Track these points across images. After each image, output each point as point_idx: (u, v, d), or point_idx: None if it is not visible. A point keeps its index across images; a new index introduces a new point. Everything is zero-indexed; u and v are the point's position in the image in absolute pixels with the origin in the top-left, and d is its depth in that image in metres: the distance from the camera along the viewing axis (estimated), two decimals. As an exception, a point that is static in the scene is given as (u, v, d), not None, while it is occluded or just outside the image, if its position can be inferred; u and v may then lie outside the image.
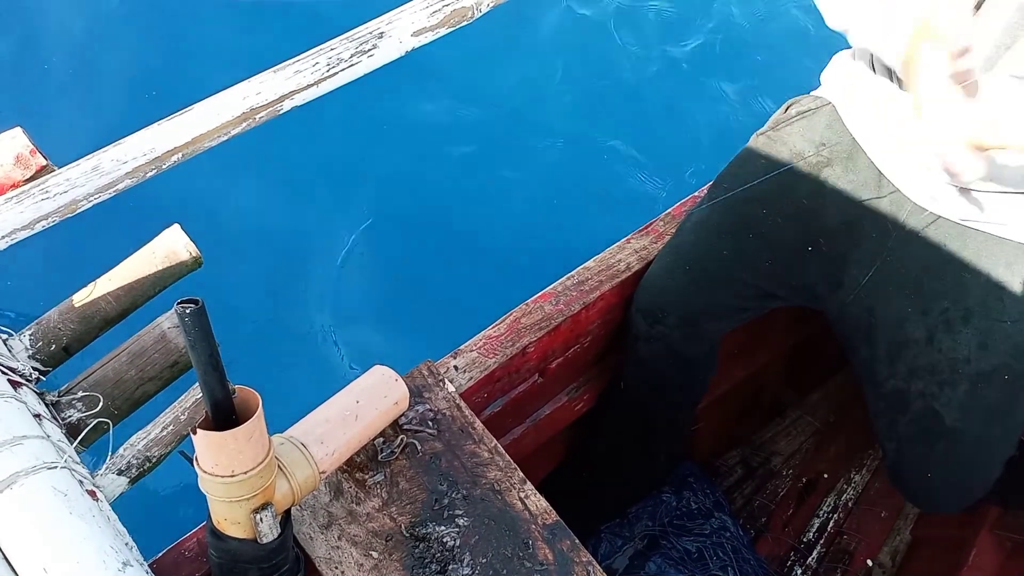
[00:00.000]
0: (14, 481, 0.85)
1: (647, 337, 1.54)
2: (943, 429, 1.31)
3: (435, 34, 1.24)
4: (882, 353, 1.35)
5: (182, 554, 1.12)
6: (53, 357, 1.18)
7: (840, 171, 1.33)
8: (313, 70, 1.17)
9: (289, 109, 1.18)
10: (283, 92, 1.15)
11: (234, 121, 1.13)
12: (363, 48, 1.19)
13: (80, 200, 1.07)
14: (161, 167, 1.12)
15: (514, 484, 1.15)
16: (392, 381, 1.15)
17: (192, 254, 1.25)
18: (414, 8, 1.23)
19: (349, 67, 1.19)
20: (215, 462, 0.84)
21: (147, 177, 1.11)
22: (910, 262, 1.28)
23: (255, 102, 1.14)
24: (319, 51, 1.19)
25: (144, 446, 1.14)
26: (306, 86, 1.16)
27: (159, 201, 2.82)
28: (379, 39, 1.20)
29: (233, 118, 1.13)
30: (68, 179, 1.07)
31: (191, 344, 0.75)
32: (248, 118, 1.14)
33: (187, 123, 1.12)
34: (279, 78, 1.16)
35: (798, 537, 2.01)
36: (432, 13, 1.22)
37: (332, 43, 1.20)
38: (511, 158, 3.12)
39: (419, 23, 1.22)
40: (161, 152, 1.10)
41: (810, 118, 1.38)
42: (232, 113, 1.13)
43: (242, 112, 1.13)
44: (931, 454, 1.36)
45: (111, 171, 1.08)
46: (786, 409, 2.22)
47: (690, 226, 1.48)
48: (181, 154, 1.12)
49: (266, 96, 1.15)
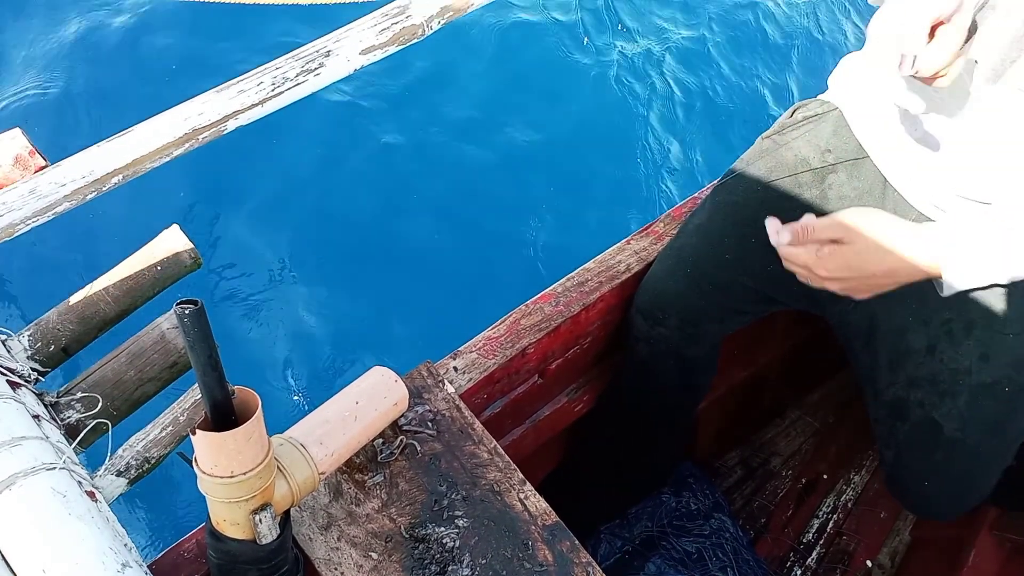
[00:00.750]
0: (13, 482, 0.85)
1: (648, 338, 1.53)
2: (942, 439, 1.31)
3: (384, 52, 1.23)
4: (883, 361, 1.35)
5: (181, 555, 1.12)
6: (52, 358, 1.18)
7: (845, 178, 1.33)
8: (258, 89, 1.16)
9: (234, 129, 1.16)
10: (227, 112, 1.14)
11: (176, 142, 1.12)
12: (309, 67, 1.18)
13: (17, 224, 1.06)
14: (101, 189, 1.10)
15: (514, 485, 1.15)
16: (391, 382, 1.14)
17: (191, 255, 1.25)
18: (362, 26, 1.22)
19: (295, 86, 1.18)
20: (214, 463, 0.84)
21: (87, 199, 1.10)
22: None
23: (198, 123, 1.13)
24: (264, 70, 1.18)
25: (143, 447, 1.14)
26: (250, 106, 1.15)
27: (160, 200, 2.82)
28: (326, 57, 1.19)
29: (175, 139, 1.12)
30: (4, 203, 1.05)
31: (190, 345, 0.75)
32: (191, 139, 1.13)
33: (127, 145, 1.10)
34: (222, 98, 1.15)
35: (797, 538, 2.01)
36: (380, 31, 1.22)
37: (277, 62, 1.19)
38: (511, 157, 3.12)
39: (367, 41, 1.21)
40: (100, 174, 1.09)
41: (816, 123, 1.37)
42: (174, 134, 1.12)
43: (184, 133, 1.12)
44: (929, 463, 1.36)
45: (49, 194, 1.07)
46: (786, 410, 2.22)
47: (692, 228, 1.48)
48: (122, 176, 1.10)
49: (209, 116, 1.13)
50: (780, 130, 1.42)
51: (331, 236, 2.87)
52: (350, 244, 2.86)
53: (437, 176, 3.03)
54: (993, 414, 1.28)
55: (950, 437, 1.30)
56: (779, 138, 1.41)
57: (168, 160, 1.14)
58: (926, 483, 1.39)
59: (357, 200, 2.96)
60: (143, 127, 1.12)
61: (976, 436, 1.30)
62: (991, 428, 1.29)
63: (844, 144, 1.34)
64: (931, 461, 1.36)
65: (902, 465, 1.41)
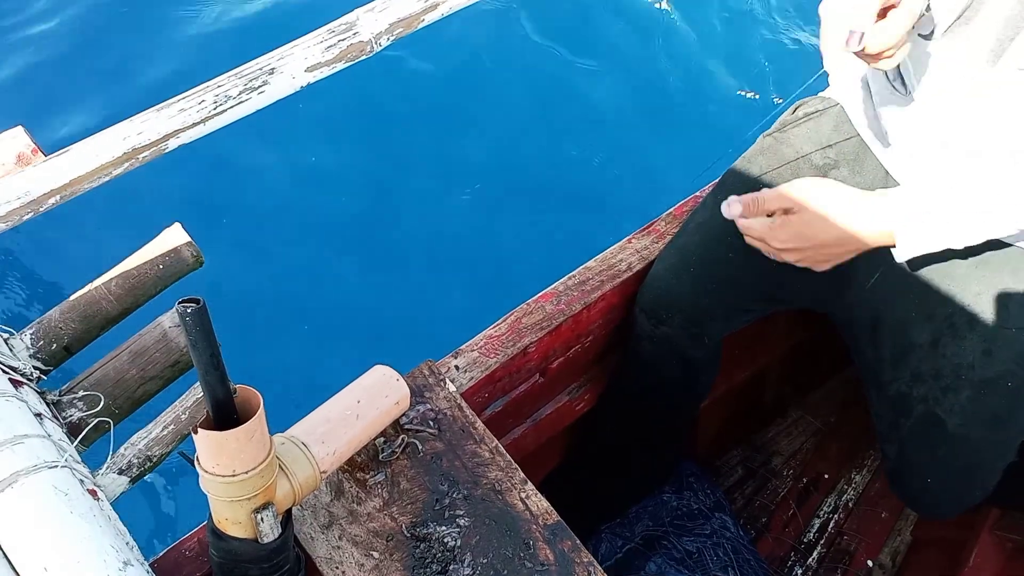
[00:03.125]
0: (15, 480, 0.85)
1: (651, 337, 1.53)
2: (945, 434, 1.31)
3: (331, 69, 1.21)
4: (886, 356, 1.35)
5: (183, 553, 1.12)
6: (54, 356, 1.18)
7: (847, 173, 1.33)
8: (199, 108, 1.13)
9: (175, 148, 1.14)
10: (167, 131, 1.12)
11: (115, 162, 1.10)
12: (253, 85, 1.16)
13: None
14: (38, 209, 1.09)
15: (515, 484, 1.15)
16: (393, 381, 1.14)
17: (193, 253, 1.25)
18: (307, 43, 1.20)
19: (238, 104, 1.15)
20: (216, 462, 0.84)
21: (23, 220, 1.08)
22: (916, 266, 1.27)
23: (137, 142, 1.11)
24: (205, 88, 1.16)
25: (145, 445, 1.14)
26: (192, 124, 1.13)
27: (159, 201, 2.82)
28: (270, 75, 1.17)
29: (113, 159, 1.10)
30: None
31: (192, 343, 0.75)
32: (130, 158, 1.11)
33: (65, 165, 1.08)
34: (162, 117, 1.12)
35: (798, 537, 2.01)
36: (327, 48, 1.19)
37: (220, 79, 1.16)
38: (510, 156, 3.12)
39: (313, 58, 1.19)
40: (37, 195, 1.07)
41: (817, 120, 1.37)
42: (112, 154, 1.10)
43: (123, 152, 1.10)
44: (932, 458, 1.36)
45: (-16, 215, 1.05)
46: (787, 409, 2.22)
47: (694, 227, 1.48)
48: (59, 196, 1.08)
49: (148, 136, 1.11)
50: (781, 127, 1.42)
51: (333, 234, 2.87)
52: (352, 242, 2.86)
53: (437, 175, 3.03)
54: (996, 409, 1.28)
55: (953, 432, 1.30)
56: (780, 135, 1.41)
57: (108, 180, 1.11)
58: (928, 479, 1.39)
59: (359, 198, 2.96)
60: (81, 146, 1.10)
61: (979, 431, 1.30)
62: (994, 423, 1.29)
63: (845, 140, 1.34)
64: (934, 456, 1.35)
65: (905, 461, 1.41)
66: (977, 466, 1.36)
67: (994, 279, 1.23)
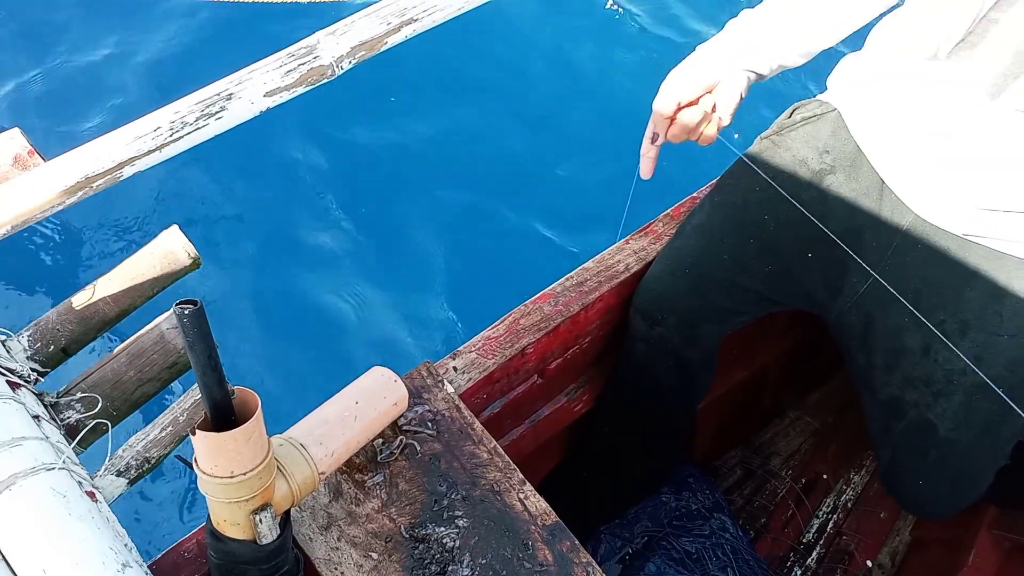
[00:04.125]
0: (13, 482, 0.85)
1: (647, 339, 1.53)
2: (936, 439, 1.32)
3: (291, 93, 1.18)
4: (879, 361, 1.35)
5: (181, 555, 1.12)
6: (52, 358, 1.18)
7: (843, 179, 1.33)
8: (154, 135, 1.10)
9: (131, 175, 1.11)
10: (121, 159, 1.09)
11: (68, 190, 1.07)
12: (210, 111, 1.13)
13: None
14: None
15: (513, 485, 1.15)
16: (391, 382, 1.14)
17: (191, 255, 1.25)
18: (266, 67, 1.17)
19: (195, 131, 1.13)
20: (214, 463, 0.84)
21: None
22: (909, 272, 1.28)
23: (90, 170, 1.07)
24: (160, 114, 1.13)
25: (143, 447, 1.14)
26: (147, 152, 1.10)
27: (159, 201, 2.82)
28: (227, 100, 1.14)
29: (67, 187, 1.06)
30: None
31: (190, 345, 0.75)
32: (83, 187, 1.08)
33: (14, 194, 1.05)
34: (117, 143, 1.09)
35: (797, 538, 2.01)
36: (287, 72, 1.17)
37: (176, 105, 1.13)
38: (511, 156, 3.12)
39: (272, 83, 1.16)
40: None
41: (815, 124, 1.37)
42: (65, 183, 1.07)
43: (77, 181, 1.07)
44: (924, 462, 1.37)
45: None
46: (785, 410, 2.22)
47: (691, 229, 1.48)
48: (10, 226, 1.05)
49: (103, 163, 1.08)
50: (778, 130, 1.42)
51: (330, 236, 2.87)
52: (349, 244, 2.86)
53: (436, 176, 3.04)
54: (987, 414, 1.28)
55: (944, 437, 1.31)
56: (777, 138, 1.41)
57: (61, 208, 1.08)
58: (921, 482, 1.40)
59: (356, 199, 2.96)
60: (32, 175, 1.07)
61: (970, 436, 1.30)
62: (985, 428, 1.30)
63: (842, 145, 1.33)
64: (926, 460, 1.36)
65: (897, 464, 1.42)
66: (969, 470, 1.37)
67: (986, 287, 1.23)
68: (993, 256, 1.22)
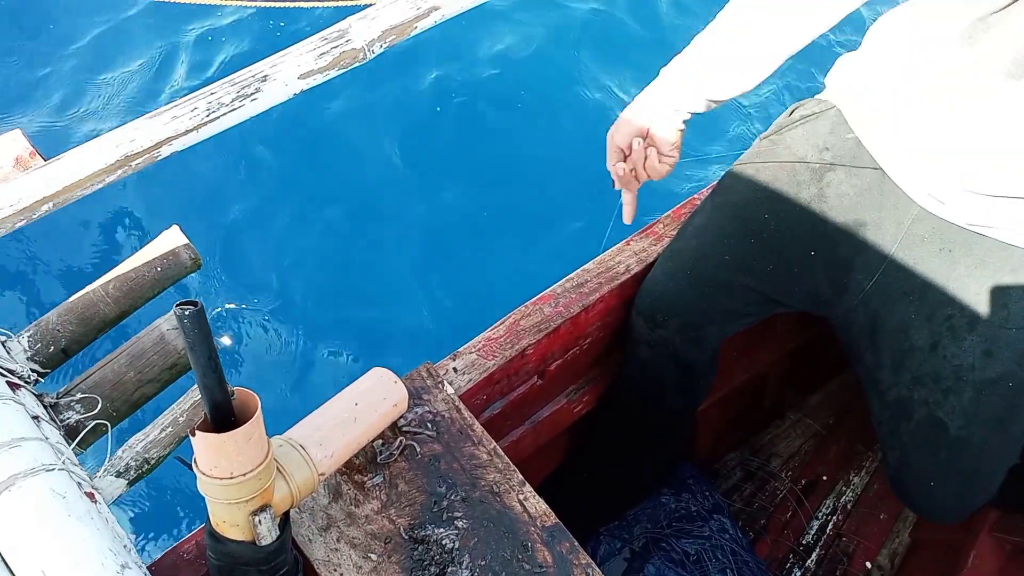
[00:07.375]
0: (12, 483, 0.85)
1: (648, 341, 1.53)
2: (947, 437, 1.30)
3: (324, 76, 1.22)
4: (886, 360, 1.34)
5: (181, 556, 1.12)
6: (52, 359, 1.18)
7: (844, 175, 1.32)
8: (192, 115, 1.15)
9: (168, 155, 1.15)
10: (160, 139, 1.13)
11: (108, 169, 1.11)
12: (245, 92, 1.17)
13: None
14: (32, 216, 1.10)
15: (513, 486, 1.15)
16: (391, 383, 1.14)
17: (191, 256, 1.25)
18: (300, 51, 1.21)
19: (231, 111, 1.17)
20: (214, 464, 0.84)
21: (16, 227, 1.09)
22: (915, 268, 1.27)
23: (129, 149, 1.12)
24: (198, 96, 1.17)
25: (143, 448, 1.14)
26: (185, 132, 1.14)
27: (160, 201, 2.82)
28: (263, 82, 1.18)
29: (107, 166, 1.11)
30: None
31: (190, 346, 0.75)
32: (123, 165, 1.12)
33: (58, 172, 1.09)
34: (155, 124, 1.14)
35: (797, 539, 2.00)
36: (320, 55, 1.21)
37: (213, 87, 1.17)
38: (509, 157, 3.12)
39: (306, 65, 1.20)
40: (30, 202, 1.08)
41: (814, 122, 1.37)
42: (105, 161, 1.11)
43: (116, 160, 1.11)
44: (934, 462, 1.35)
45: (-27, 222, 1.06)
46: (785, 412, 2.22)
47: (692, 230, 1.48)
48: (52, 203, 1.09)
49: (141, 143, 1.12)
50: (778, 130, 1.42)
51: (330, 237, 2.88)
52: (350, 244, 2.86)
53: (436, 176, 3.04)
54: (997, 410, 1.27)
55: (955, 435, 1.30)
56: (777, 138, 1.41)
57: (101, 187, 1.12)
58: (932, 483, 1.38)
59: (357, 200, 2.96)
60: (74, 154, 1.11)
61: (981, 433, 1.29)
62: (996, 424, 1.29)
63: (842, 143, 1.33)
64: (936, 460, 1.35)
65: (907, 466, 1.40)
66: (980, 468, 1.35)
67: (993, 279, 1.23)
68: (999, 248, 1.22)
